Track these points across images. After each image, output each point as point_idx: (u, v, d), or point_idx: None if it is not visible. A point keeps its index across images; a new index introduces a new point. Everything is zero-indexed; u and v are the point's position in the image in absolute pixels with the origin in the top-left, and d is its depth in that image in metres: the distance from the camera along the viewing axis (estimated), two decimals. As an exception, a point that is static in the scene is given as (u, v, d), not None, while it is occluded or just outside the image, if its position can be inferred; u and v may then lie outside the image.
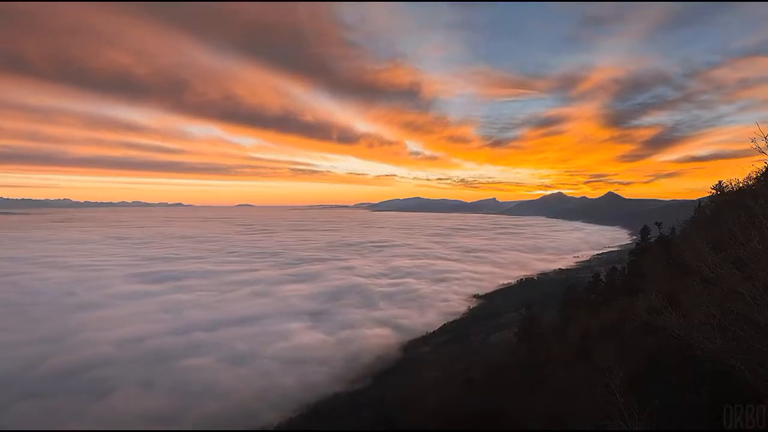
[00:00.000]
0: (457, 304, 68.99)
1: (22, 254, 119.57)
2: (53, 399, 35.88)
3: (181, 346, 48.04)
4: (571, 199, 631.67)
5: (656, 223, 34.08)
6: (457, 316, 61.76)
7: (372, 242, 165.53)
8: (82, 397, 36.46)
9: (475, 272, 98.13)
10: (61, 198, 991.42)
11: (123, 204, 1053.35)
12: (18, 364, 42.05)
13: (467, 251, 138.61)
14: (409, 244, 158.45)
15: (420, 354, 46.03)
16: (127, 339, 49.95)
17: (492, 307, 64.09)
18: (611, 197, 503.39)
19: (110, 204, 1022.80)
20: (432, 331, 54.87)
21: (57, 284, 79.81)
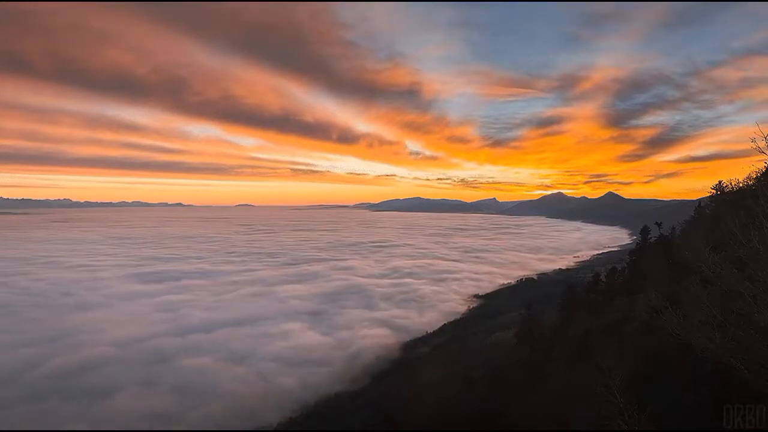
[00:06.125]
0: (457, 304, 68.99)
1: (22, 254, 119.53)
2: (52, 400, 35.85)
3: (180, 346, 47.99)
4: (571, 199, 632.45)
5: (656, 223, 34.15)
6: (457, 316, 61.74)
7: (372, 242, 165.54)
8: (81, 397, 36.35)
9: (475, 272, 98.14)
10: (61, 198, 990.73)
11: (123, 204, 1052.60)
12: (16, 366, 41.97)
13: (467, 251, 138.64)
14: (409, 244, 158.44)
15: (420, 354, 45.99)
16: (127, 339, 49.90)
17: (492, 307, 64.07)
18: (611, 197, 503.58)
19: (110, 204, 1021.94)
20: (432, 331, 54.85)
21: (57, 284, 79.77)
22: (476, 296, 74.07)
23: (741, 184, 29.21)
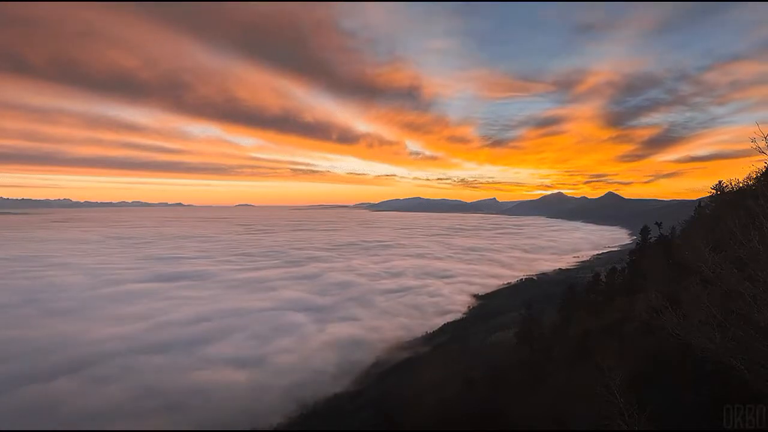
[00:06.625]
0: (457, 304, 68.95)
1: (24, 254, 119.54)
2: (58, 394, 36.14)
3: (182, 345, 48.10)
4: (571, 199, 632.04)
5: (656, 223, 34.13)
6: (457, 316, 61.72)
7: (372, 242, 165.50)
8: (86, 391, 36.75)
9: (475, 272, 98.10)
10: (61, 198, 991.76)
11: (123, 204, 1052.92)
12: (25, 362, 42.17)
13: (467, 251, 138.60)
14: (409, 244, 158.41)
15: (420, 354, 45.99)
16: (127, 337, 50.00)
17: (492, 307, 64.03)
18: (611, 197, 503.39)
19: (110, 204, 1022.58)
20: (432, 331, 54.84)
21: (59, 284, 79.74)
22: (476, 296, 74.00)
23: (741, 184, 29.20)
